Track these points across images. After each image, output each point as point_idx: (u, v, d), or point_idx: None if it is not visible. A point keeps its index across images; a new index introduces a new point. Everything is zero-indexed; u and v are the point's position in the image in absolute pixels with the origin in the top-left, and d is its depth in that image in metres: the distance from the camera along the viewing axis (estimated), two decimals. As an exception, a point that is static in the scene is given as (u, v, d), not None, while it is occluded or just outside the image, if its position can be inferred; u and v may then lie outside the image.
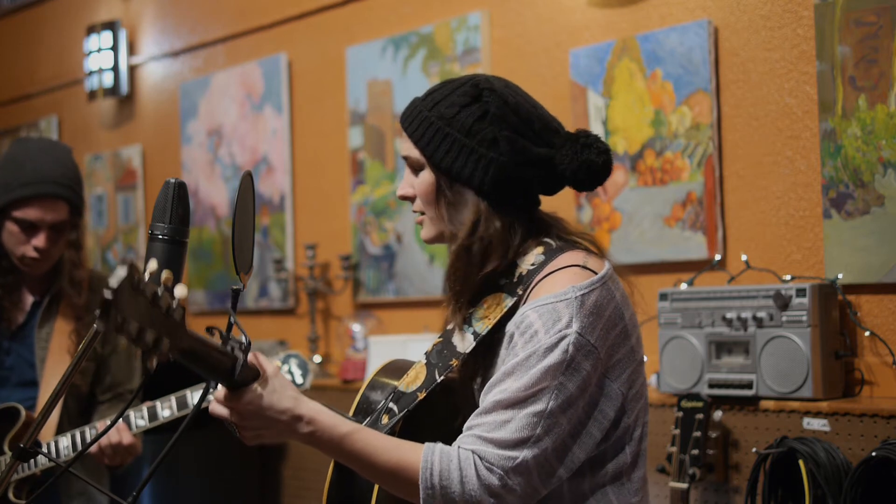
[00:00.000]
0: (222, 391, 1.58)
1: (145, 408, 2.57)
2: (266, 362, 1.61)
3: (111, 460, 2.66)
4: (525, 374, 1.61)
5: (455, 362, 1.74)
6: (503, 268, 1.74)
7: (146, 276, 1.34)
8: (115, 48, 5.17)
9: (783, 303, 2.73)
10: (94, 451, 2.61)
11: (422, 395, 1.74)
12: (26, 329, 2.85)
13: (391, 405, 1.76)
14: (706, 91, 3.12)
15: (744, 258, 3.00)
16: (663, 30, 3.23)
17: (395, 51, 4.02)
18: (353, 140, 4.18)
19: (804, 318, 2.70)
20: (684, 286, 3.04)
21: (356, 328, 4.04)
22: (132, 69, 5.26)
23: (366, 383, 1.91)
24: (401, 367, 1.91)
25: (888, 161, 2.74)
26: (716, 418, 2.85)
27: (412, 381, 1.77)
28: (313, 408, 1.62)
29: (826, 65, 2.86)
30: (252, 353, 1.57)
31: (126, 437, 2.62)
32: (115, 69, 5.18)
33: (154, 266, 1.37)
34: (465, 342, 1.74)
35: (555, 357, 1.61)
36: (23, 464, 2.61)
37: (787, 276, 2.88)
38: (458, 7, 3.84)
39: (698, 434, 2.74)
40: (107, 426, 1.66)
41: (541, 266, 1.72)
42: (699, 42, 3.13)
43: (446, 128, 1.72)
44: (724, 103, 3.12)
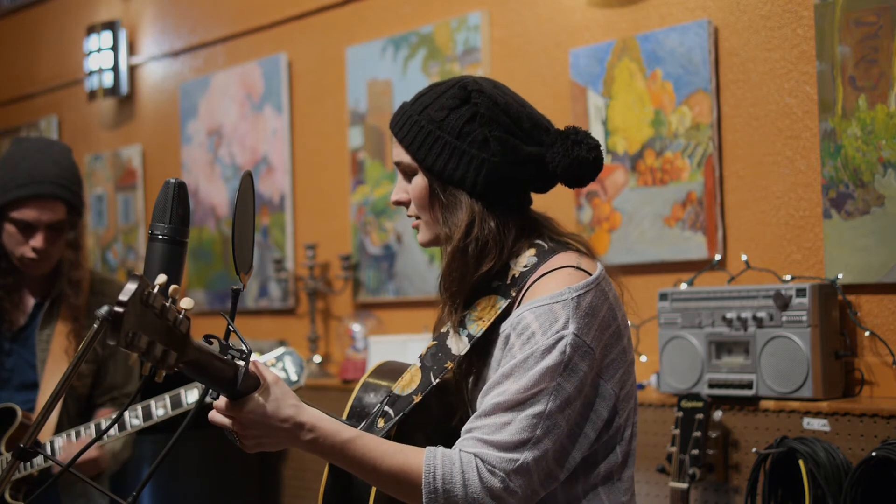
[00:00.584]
0: (223, 400, 1.58)
1: (140, 407, 2.57)
2: (266, 370, 1.61)
3: (70, 475, 2.65)
4: (524, 375, 1.62)
5: (450, 365, 1.74)
6: (497, 269, 1.75)
7: (155, 289, 1.34)
8: (115, 48, 5.17)
9: (783, 303, 2.73)
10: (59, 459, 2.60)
11: (417, 399, 1.75)
12: (27, 331, 2.85)
13: (386, 409, 1.76)
14: (706, 91, 3.12)
15: (744, 258, 3.00)
16: (663, 30, 3.22)
17: (395, 51, 4.02)
18: (353, 140, 4.18)
19: (804, 318, 2.70)
20: (684, 286, 3.04)
21: (356, 328, 4.04)
22: (132, 69, 5.26)
23: (359, 385, 1.91)
24: (394, 369, 1.91)
25: (888, 161, 2.74)
26: (716, 418, 2.85)
27: (407, 385, 1.78)
28: (314, 415, 1.62)
29: (826, 65, 2.86)
30: (251, 362, 1.57)
31: (91, 451, 2.61)
32: (115, 69, 5.18)
33: (163, 279, 1.37)
34: (459, 345, 1.75)
35: (553, 358, 1.62)
36: (22, 465, 2.61)
37: (787, 276, 2.88)
38: (458, 7, 3.84)
39: (698, 434, 2.74)
40: (105, 427, 1.67)
41: (534, 268, 1.72)
42: (699, 42, 3.13)
43: (437, 131, 1.72)
44: (724, 103, 3.12)
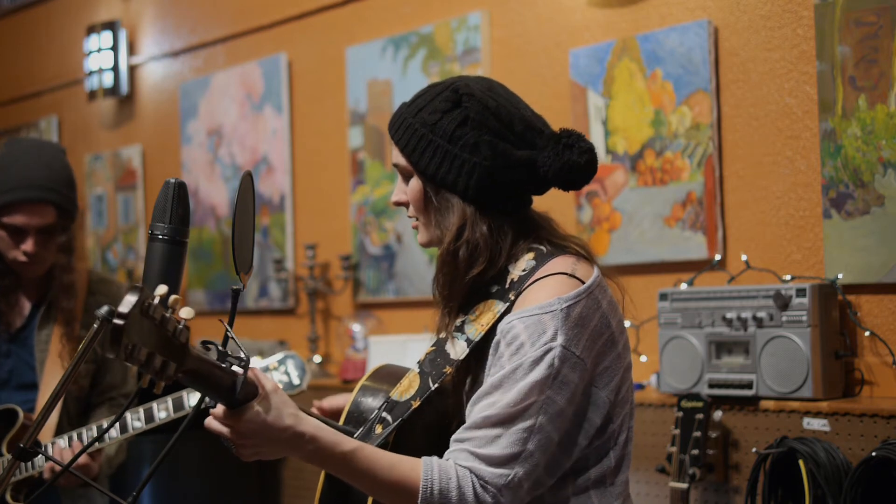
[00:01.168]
0: (220, 408, 1.57)
1: (142, 409, 2.56)
2: (265, 378, 1.60)
3: (65, 480, 2.64)
4: (512, 387, 1.62)
5: (449, 370, 1.74)
6: (495, 274, 1.74)
7: (156, 300, 1.33)
8: (115, 48, 5.17)
9: (783, 303, 2.73)
10: (46, 466, 2.58)
11: (416, 404, 1.74)
12: (26, 332, 2.84)
13: (384, 415, 1.76)
14: (706, 91, 3.12)
15: (744, 258, 3.00)
16: (663, 30, 3.22)
17: (395, 51, 4.02)
18: (353, 140, 4.18)
19: (804, 318, 2.70)
20: (684, 286, 3.04)
21: (356, 328, 4.04)
22: (132, 69, 5.26)
23: (356, 390, 1.91)
24: (391, 373, 1.91)
25: (888, 161, 2.74)
26: (716, 418, 2.85)
27: (406, 390, 1.77)
28: (314, 425, 1.61)
29: (826, 65, 2.86)
30: (250, 369, 1.56)
31: (83, 458, 2.59)
32: (115, 69, 5.18)
33: (164, 290, 1.37)
34: (458, 350, 1.74)
35: (541, 371, 1.61)
36: (22, 466, 2.61)
37: (787, 276, 2.88)
38: (458, 7, 3.84)
39: (698, 434, 2.73)
40: (105, 427, 1.66)
41: (531, 272, 1.72)
42: (699, 42, 3.13)
43: (430, 134, 1.72)
44: (724, 103, 3.12)
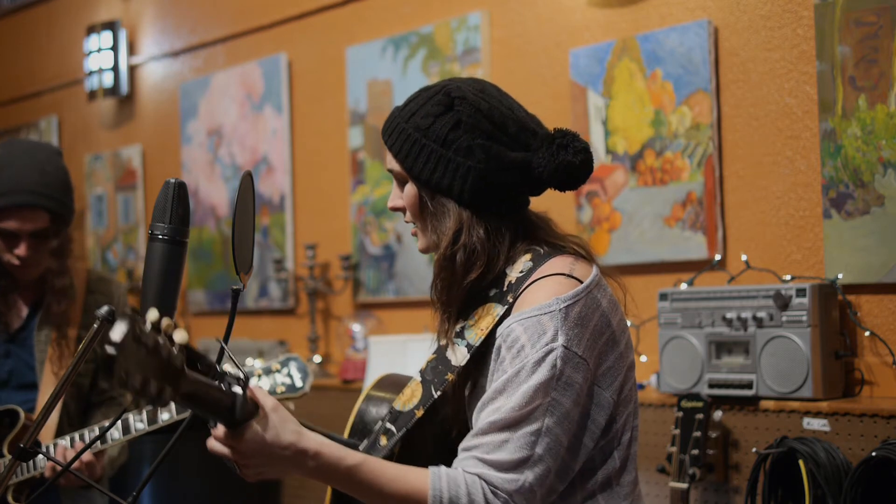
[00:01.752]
0: (221, 429, 1.54)
1: (144, 411, 2.56)
2: (264, 396, 1.57)
3: (66, 480, 2.62)
4: (516, 391, 1.60)
5: (451, 377, 1.72)
6: (493, 277, 1.73)
7: (147, 326, 1.32)
8: (115, 48, 5.17)
9: (783, 303, 2.73)
10: (47, 466, 2.57)
11: (419, 413, 1.73)
12: (25, 332, 2.84)
13: (388, 425, 1.75)
14: (706, 91, 3.12)
15: (744, 258, 3.00)
16: (663, 30, 3.22)
17: (395, 51, 4.02)
18: (353, 140, 4.18)
19: (804, 318, 2.70)
20: (684, 286, 3.04)
21: (356, 328, 4.04)
22: (132, 69, 5.26)
23: (360, 400, 1.89)
24: (395, 382, 1.90)
25: (888, 161, 2.74)
26: (716, 418, 2.85)
27: (409, 400, 1.76)
28: (317, 440, 1.58)
29: (826, 65, 2.86)
30: (249, 388, 1.54)
31: (87, 455, 2.58)
32: (115, 69, 5.19)
33: (154, 315, 1.35)
34: (459, 356, 1.73)
35: (543, 373, 1.60)
36: (23, 467, 2.61)
37: (787, 276, 2.88)
38: (458, 7, 3.84)
39: (698, 434, 2.73)
40: (105, 428, 1.66)
41: (529, 273, 1.70)
42: (699, 42, 3.13)
43: (423, 139, 1.71)
44: (724, 103, 3.12)
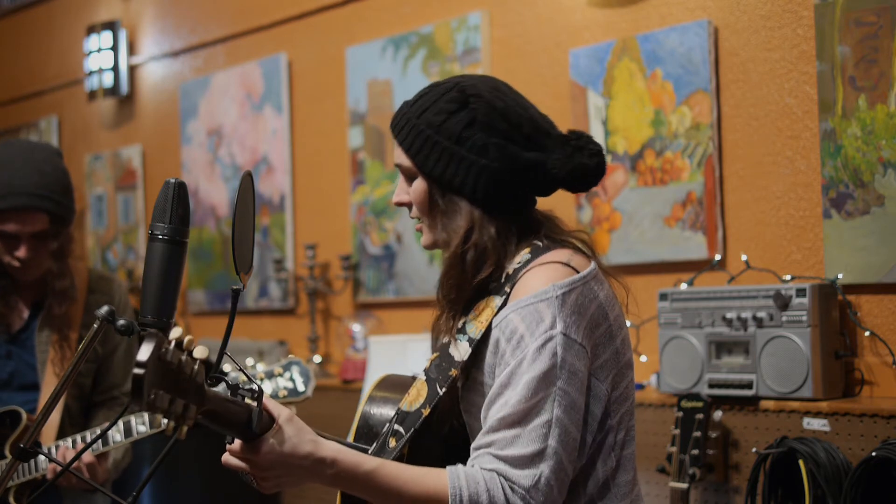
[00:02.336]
0: (237, 443, 1.55)
1: (146, 413, 2.55)
2: (278, 408, 1.58)
3: (65, 480, 2.61)
4: (519, 382, 1.59)
5: (454, 372, 1.71)
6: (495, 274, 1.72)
7: (172, 345, 1.33)
8: (115, 48, 5.17)
9: (783, 303, 2.73)
10: (49, 468, 2.55)
11: (426, 412, 1.72)
12: (26, 333, 2.84)
13: (396, 427, 1.74)
14: (706, 91, 3.12)
15: (744, 258, 3.00)
16: (663, 30, 3.23)
17: (395, 51, 4.02)
18: (353, 140, 4.18)
19: (804, 318, 2.70)
20: (684, 286, 3.04)
21: (356, 328, 4.04)
22: (132, 69, 5.26)
23: (363, 402, 1.89)
24: (396, 383, 1.89)
25: (888, 161, 2.74)
26: (716, 418, 2.85)
27: (415, 399, 1.75)
28: (334, 449, 1.59)
29: (826, 65, 2.86)
30: (263, 400, 1.55)
31: (87, 456, 2.57)
32: (115, 69, 5.19)
33: (178, 332, 1.37)
34: (461, 351, 1.72)
35: (544, 362, 1.59)
36: (25, 468, 2.60)
37: (787, 276, 2.87)
38: (458, 7, 3.85)
39: (698, 434, 2.73)
40: (104, 428, 1.66)
41: (526, 264, 1.70)
42: (699, 42, 3.13)
43: (435, 136, 1.70)
44: (724, 103, 3.12)
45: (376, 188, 4.08)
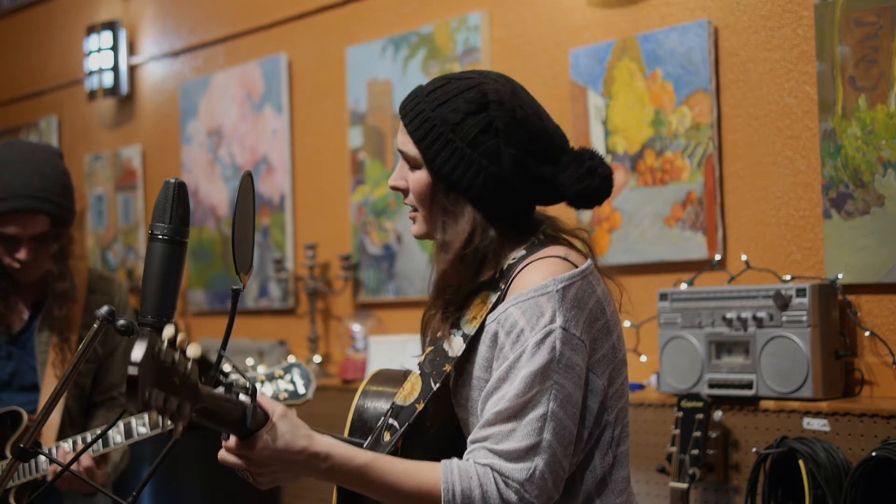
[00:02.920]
0: (233, 440, 1.56)
1: (146, 415, 2.55)
2: (272, 404, 1.58)
3: (65, 484, 2.61)
4: (517, 376, 1.60)
5: (448, 368, 1.71)
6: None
7: (165, 344, 1.33)
8: (115, 48, 5.17)
9: (783, 303, 2.73)
10: (49, 469, 2.54)
11: (420, 406, 1.72)
12: (26, 334, 2.83)
13: (391, 421, 1.74)
14: (706, 91, 3.12)
15: (744, 258, 3.00)
16: (663, 30, 3.23)
17: (395, 51, 4.02)
18: (353, 140, 4.19)
19: (804, 318, 2.70)
20: (684, 286, 3.04)
21: (356, 328, 4.04)
22: (132, 69, 5.26)
23: (357, 397, 1.89)
24: (389, 377, 1.89)
25: (888, 161, 2.74)
26: (716, 418, 2.85)
27: (409, 394, 1.75)
28: (328, 443, 1.60)
29: (826, 65, 2.86)
30: (257, 397, 1.55)
31: (85, 458, 2.56)
32: (115, 69, 5.19)
33: (171, 331, 1.37)
34: (455, 347, 1.72)
35: (543, 356, 1.59)
36: (25, 468, 2.60)
37: (787, 276, 2.88)
38: (458, 7, 3.85)
39: (698, 434, 2.74)
40: (104, 428, 1.66)
41: (521, 260, 1.70)
42: (699, 42, 3.13)
43: (449, 133, 1.68)
44: (724, 103, 3.12)
45: (376, 188, 4.08)
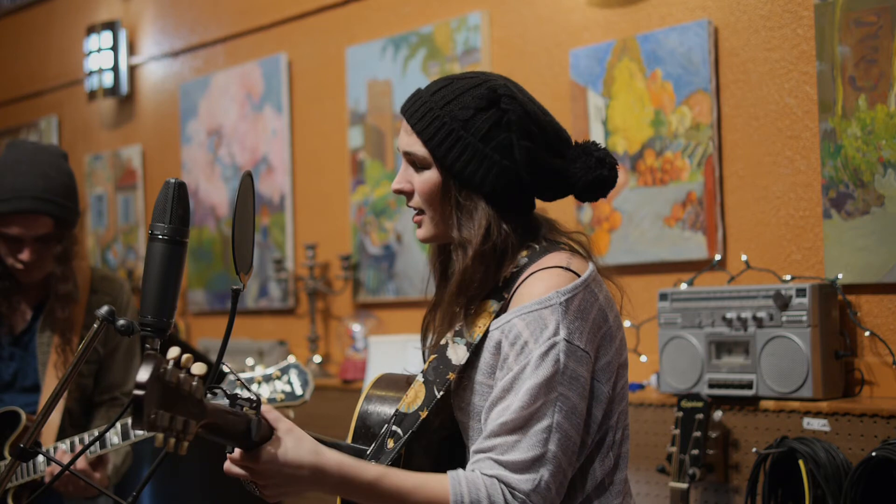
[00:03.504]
0: (238, 452, 1.56)
1: None
2: (278, 419, 1.58)
3: (63, 486, 2.61)
4: (521, 387, 1.60)
5: (452, 376, 1.71)
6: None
7: (170, 364, 1.34)
8: (115, 48, 5.17)
9: (783, 303, 2.73)
10: (48, 470, 2.55)
11: (424, 414, 1.72)
12: (28, 335, 2.83)
13: (395, 428, 1.74)
14: (706, 91, 3.12)
15: (744, 258, 3.00)
16: (663, 30, 3.23)
17: (395, 51, 4.02)
18: (353, 140, 4.19)
19: (804, 318, 2.70)
20: (684, 286, 3.04)
21: (356, 328, 4.04)
22: (132, 69, 5.26)
23: (360, 402, 1.89)
24: (393, 382, 1.89)
25: (888, 161, 2.74)
26: (716, 418, 2.85)
27: (413, 401, 1.75)
28: (335, 458, 1.59)
29: (826, 65, 2.86)
30: (263, 409, 1.55)
31: (79, 463, 2.56)
32: (115, 69, 5.19)
33: (176, 352, 1.38)
34: (459, 355, 1.72)
35: (547, 368, 1.60)
36: (24, 469, 2.60)
37: (787, 276, 2.87)
38: (458, 7, 3.85)
39: (698, 434, 2.74)
40: (104, 428, 1.65)
41: (524, 268, 1.70)
42: (699, 42, 3.13)
43: (460, 130, 1.68)
44: (724, 103, 3.12)
45: (376, 188, 4.08)
